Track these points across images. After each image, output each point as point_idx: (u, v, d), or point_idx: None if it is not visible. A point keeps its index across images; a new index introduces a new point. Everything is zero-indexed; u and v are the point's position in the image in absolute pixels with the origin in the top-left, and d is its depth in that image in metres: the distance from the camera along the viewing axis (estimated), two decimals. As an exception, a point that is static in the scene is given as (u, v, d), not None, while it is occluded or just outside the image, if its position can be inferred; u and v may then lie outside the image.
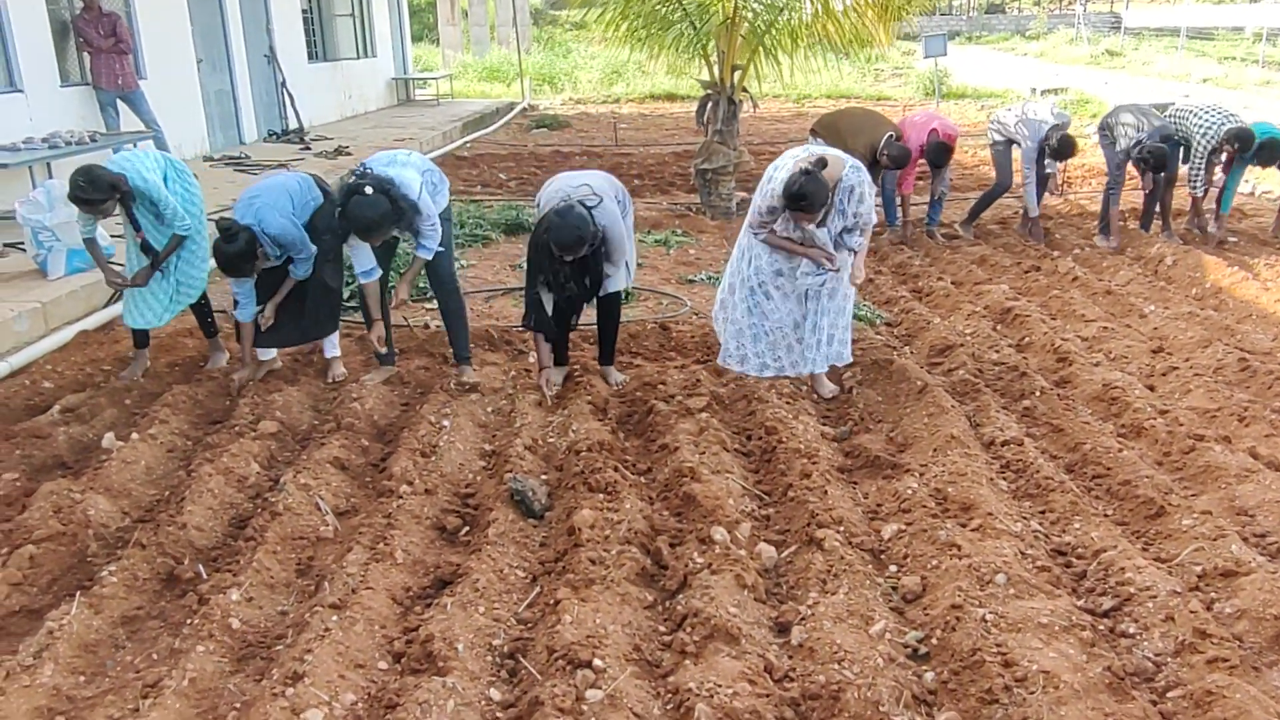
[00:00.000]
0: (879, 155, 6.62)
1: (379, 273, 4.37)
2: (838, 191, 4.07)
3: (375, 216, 3.96)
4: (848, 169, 4.10)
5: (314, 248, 4.36)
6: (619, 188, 4.45)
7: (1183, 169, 7.04)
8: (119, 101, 8.90)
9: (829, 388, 4.57)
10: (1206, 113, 6.70)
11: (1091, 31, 27.65)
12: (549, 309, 4.33)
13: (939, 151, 6.88)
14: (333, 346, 4.75)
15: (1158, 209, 7.15)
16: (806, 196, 3.92)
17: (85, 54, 8.68)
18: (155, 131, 8.98)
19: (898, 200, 7.34)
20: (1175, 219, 7.22)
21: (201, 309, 4.71)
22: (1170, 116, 6.93)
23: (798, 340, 4.37)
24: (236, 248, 4.11)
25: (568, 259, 4.03)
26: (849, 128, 6.85)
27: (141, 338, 4.66)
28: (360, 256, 4.27)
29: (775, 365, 4.43)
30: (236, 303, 4.41)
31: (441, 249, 4.33)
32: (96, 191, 4.12)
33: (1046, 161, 7.14)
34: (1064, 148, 6.91)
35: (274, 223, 4.21)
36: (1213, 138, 6.56)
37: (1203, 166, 6.70)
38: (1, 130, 7.48)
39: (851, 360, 4.57)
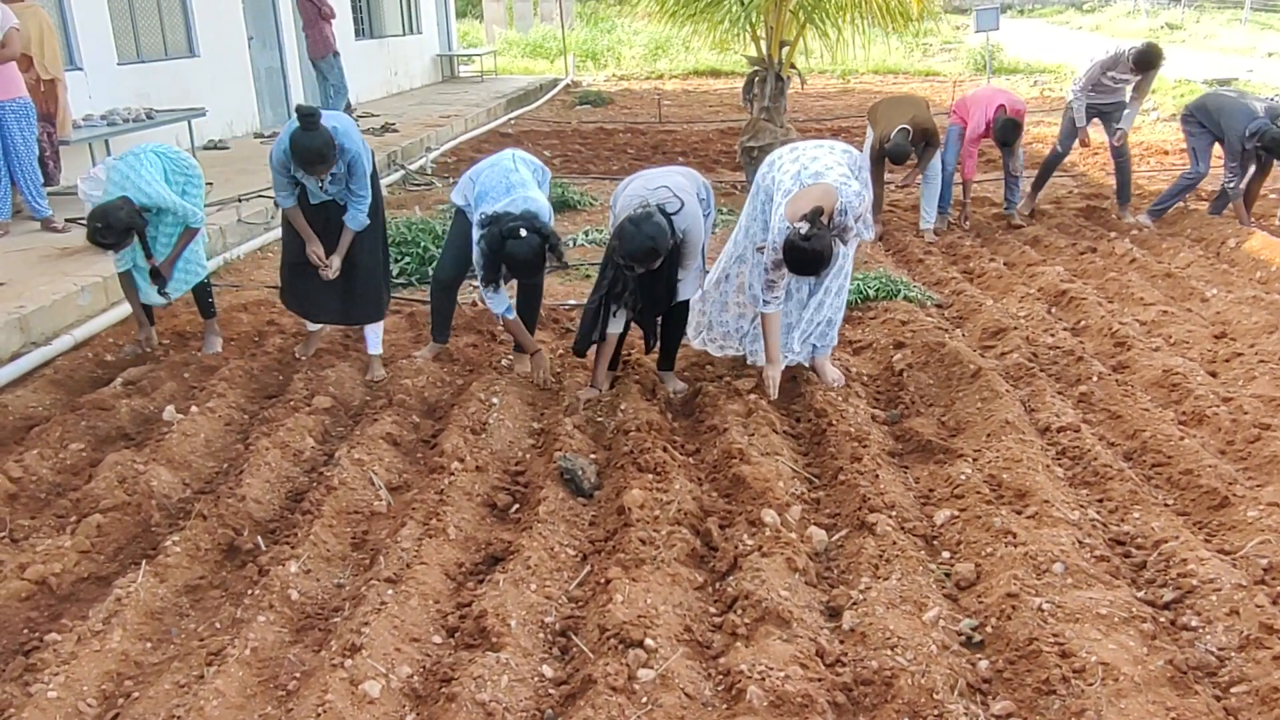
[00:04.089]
0: (882, 145, 6.41)
1: (514, 311, 4.23)
2: (834, 227, 3.83)
3: (535, 258, 3.88)
4: (838, 206, 3.80)
5: (370, 195, 4.24)
6: (700, 183, 4.16)
7: None
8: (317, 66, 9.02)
9: (833, 373, 4.37)
10: None
11: (1151, 3, 26.79)
12: (611, 326, 4.06)
13: (1008, 129, 6.49)
14: (375, 344, 4.54)
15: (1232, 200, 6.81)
16: (816, 262, 3.71)
17: (309, 25, 8.88)
18: (332, 99, 9.09)
19: (957, 179, 7.02)
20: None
21: (202, 289, 4.66)
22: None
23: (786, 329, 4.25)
24: (323, 138, 3.93)
25: (638, 271, 3.80)
26: (882, 116, 6.67)
27: (148, 313, 4.71)
28: (496, 300, 4.12)
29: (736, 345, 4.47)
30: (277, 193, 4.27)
31: None
32: (114, 235, 4.12)
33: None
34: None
35: (352, 141, 4.10)
36: None
37: None
38: (61, 107, 7.63)
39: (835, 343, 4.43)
